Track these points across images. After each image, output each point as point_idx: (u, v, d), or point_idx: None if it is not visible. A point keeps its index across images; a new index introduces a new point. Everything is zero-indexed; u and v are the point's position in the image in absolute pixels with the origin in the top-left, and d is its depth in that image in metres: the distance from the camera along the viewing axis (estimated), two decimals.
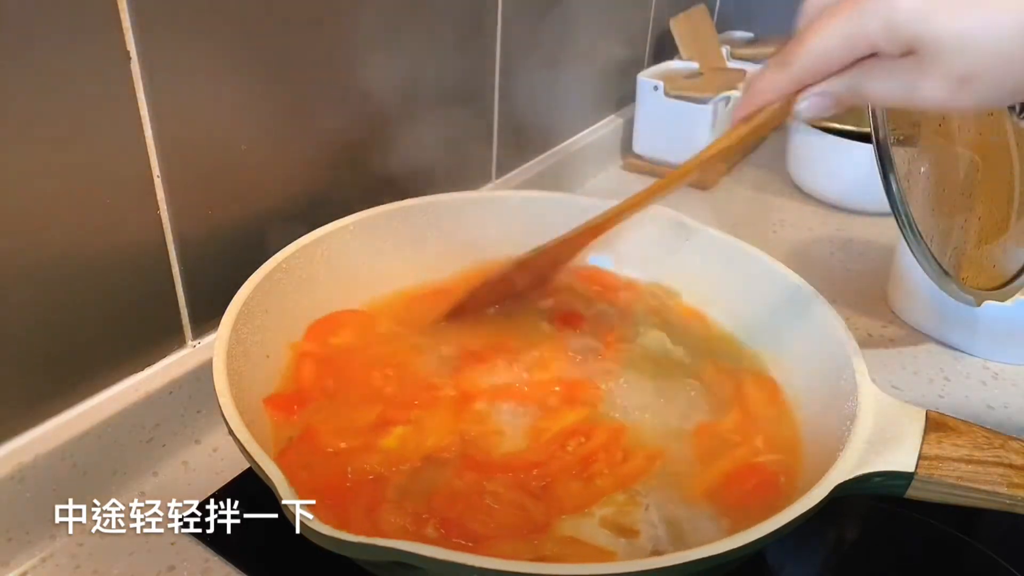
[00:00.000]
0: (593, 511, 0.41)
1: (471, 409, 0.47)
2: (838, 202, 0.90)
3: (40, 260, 0.43)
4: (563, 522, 0.40)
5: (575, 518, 0.41)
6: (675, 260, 0.59)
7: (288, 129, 0.55)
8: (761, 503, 0.41)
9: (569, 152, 0.89)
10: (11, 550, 0.43)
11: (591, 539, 0.39)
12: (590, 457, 0.44)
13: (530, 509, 0.41)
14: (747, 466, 0.45)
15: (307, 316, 0.52)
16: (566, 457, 0.44)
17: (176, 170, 0.47)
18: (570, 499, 0.41)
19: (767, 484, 0.44)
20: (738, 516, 0.41)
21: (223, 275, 0.49)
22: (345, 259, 0.54)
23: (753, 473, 0.44)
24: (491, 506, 0.41)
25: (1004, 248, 0.60)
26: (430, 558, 0.31)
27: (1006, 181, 0.59)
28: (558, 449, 0.44)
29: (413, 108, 0.65)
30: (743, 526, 0.34)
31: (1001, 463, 0.38)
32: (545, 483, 0.42)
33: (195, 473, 0.50)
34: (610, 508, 0.41)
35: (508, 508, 0.41)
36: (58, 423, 0.45)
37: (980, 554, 0.47)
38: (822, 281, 0.53)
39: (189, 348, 0.52)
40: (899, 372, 0.63)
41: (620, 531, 0.40)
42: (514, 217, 0.62)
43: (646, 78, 0.93)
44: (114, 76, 0.43)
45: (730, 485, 0.43)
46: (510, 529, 0.40)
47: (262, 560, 0.44)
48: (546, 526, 0.40)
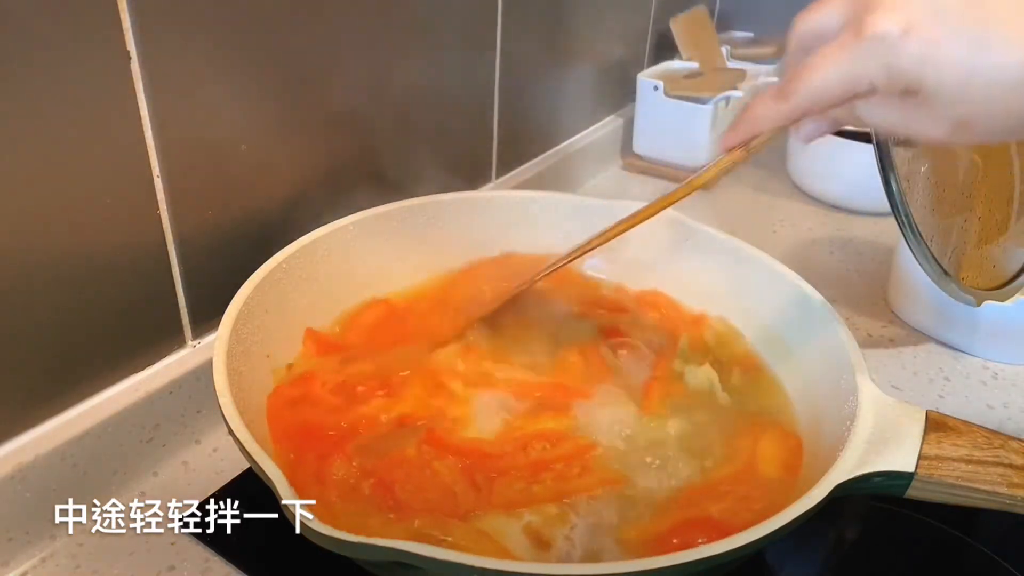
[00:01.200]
0: (522, 514, 0.41)
1: (458, 391, 0.48)
2: (838, 202, 0.90)
3: (40, 260, 0.43)
4: (487, 516, 0.40)
5: (501, 516, 0.41)
6: (674, 260, 0.59)
7: (288, 129, 0.55)
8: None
9: (569, 152, 0.89)
10: (11, 550, 0.43)
11: (502, 539, 0.39)
12: (546, 464, 0.44)
13: (459, 495, 0.41)
14: (703, 519, 0.41)
15: (307, 316, 0.52)
16: (523, 458, 0.44)
17: (176, 170, 0.47)
18: (506, 497, 0.42)
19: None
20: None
21: (223, 275, 0.49)
22: (345, 259, 0.54)
23: (705, 529, 0.40)
24: (426, 482, 0.42)
25: (1004, 248, 0.60)
26: (430, 558, 0.31)
27: (1006, 181, 0.59)
28: (519, 448, 0.44)
29: (413, 108, 0.65)
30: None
31: (1001, 463, 0.38)
32: (491, 476, 0.43)
33: (195, 473, 0.50)
34: (538, 517, 0.41)
35: (439, 489, 0.42)
36: (58, 423, 0.45)
37: (980, 554, 0.47)
38: (822, 281, 0.53)
39: (189, 348, 0.52)
40: (899, 372, 0.63)
41: (537, 541, 0.40)
42: (514, 217, 0.62)
43: (646, 78, 0.93)
44: (114, 76, 0.43)
45: (673, 536, 0.40)
46: (431, 507, 0.41)
47: (262, 560, 0.44)
48: (467, 515, 0.40)
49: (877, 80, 0.34)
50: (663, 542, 0.40)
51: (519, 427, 0.46)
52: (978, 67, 0.32)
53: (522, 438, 0.45)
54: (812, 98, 0.36)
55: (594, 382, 0.50)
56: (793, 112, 0.38)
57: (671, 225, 0.60)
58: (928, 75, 0.33)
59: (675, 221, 0.60)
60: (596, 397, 0.49)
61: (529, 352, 0.52)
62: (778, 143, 0.97)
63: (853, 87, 0.35)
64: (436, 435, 0.45)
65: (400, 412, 0.46)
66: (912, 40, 0.32)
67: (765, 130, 0.40)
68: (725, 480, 0.44)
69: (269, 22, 0.51)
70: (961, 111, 0.33)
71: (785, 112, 0.38)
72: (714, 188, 0.94)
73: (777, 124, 0.39)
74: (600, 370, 0.51)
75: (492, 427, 0.46)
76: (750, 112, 0.40)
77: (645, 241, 0.60)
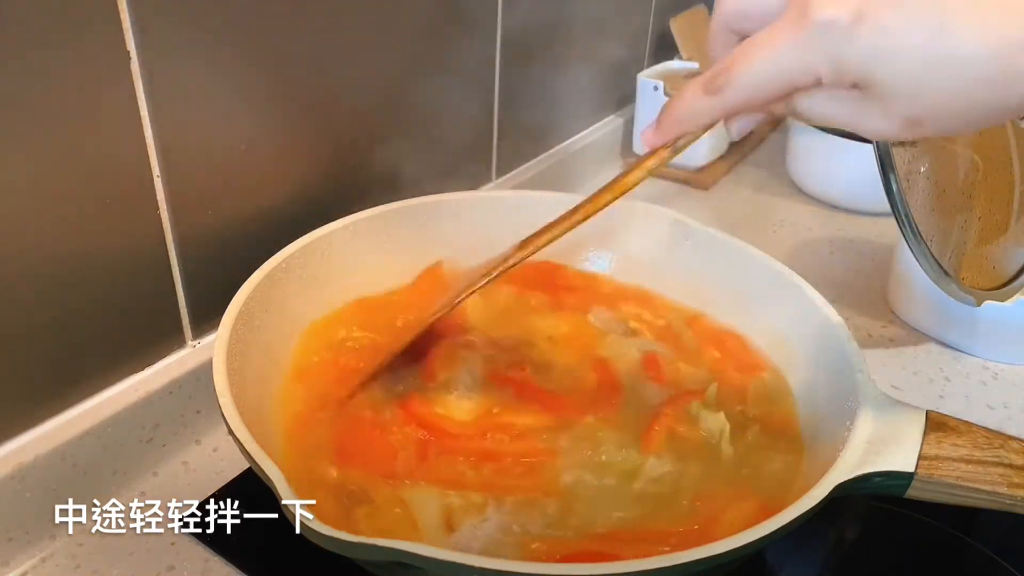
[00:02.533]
0: (449, 494, 0.41)
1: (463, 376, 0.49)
2: (838, 202, 0.90)
3: (40, 260, 0.43)
4: (417, 487, 0.41)
5: (431, 490, 0.41)
6: (674, 260, 0.59)
7: (288, 129, 0.55)
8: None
9: (569, 152, 0.89)
10: (11, 550, 0.43)
11: (417, 510, 0.40)
12: (495, 455, 0.44)
13: (398, 460, 0.43)
14: (611, 556, 0.38)
15: (307, 316, 0.52)
16: (477, 443, 0.44)
17: (176, 170, 0.47)
18: (440, 474, 0.42)
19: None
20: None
21: (223, 275, 0.49)
22: (345, 259, 0.54)
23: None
24: (376, 440, 0.44)
25: (1004, 248, 0.60)
26: (430, 558, 0.31)
27: (1006, 181, 0.59)
28: (479, 434, 0.45)
29: (413, 108, 0.65)
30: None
31: (1001, 463, 0.38)
32: (441, 453, 0.44)
33: (195, 473, 0.50)
34: (460, 501, 0.41)
35: (384, 450, 0.43)
36: (58, 423, 0.45)
37: (980, 554, 0.47)
38: (822, 281, 0.53)
39: (189, 348, 0.52)
40: (899, 372, 0.63)
41: (446, 522, 0.40)
42: (514, 217, 0.61)
43: (646, 78, 0.93)
44: (114, 76, 0.43)
45: (570, 560, 0.38)
46: (370, 464, 0.42)
47: (262, 560, 0.44)
48: (397, 481, 0.41)
49: (823, 73, 0.30)
50: (558, 562, 0.38)
51: (496, 415, 0.46)
52: (938, 59, 0.28)
53: (489, 426, 0.45)
54: (747, 93, 0.32)
55: (600, 405, 0.48)
56: (725, 109, 0.33)
57: (669, 225, 0.60)
58: (881, 68, 0.29)
59: (674, 221, 0.60)
60: (599, 415, 0.47)
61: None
62: (778, 143, 0.97)
63: (794, 81, 0.31)
64: (411, 404, 0.46)
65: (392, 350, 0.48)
66: (864, 29, 0.28)
67: (694, 128, 0.35)
68: (673, 535, 0.40)
69: (269, 22, 0.51)
70: (915, 110, 0.29)
71: (716, 109, 0.33)
72: (714, 188, 0.94)
73: (707, 121, 0.34)
74: (611, 392, 0.49)
75: (471, 410, 0.46)
76: (676, 108, 0.35)
77: (641, 238, 0.60)
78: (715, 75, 0.32)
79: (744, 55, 0.31)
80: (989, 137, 0.59)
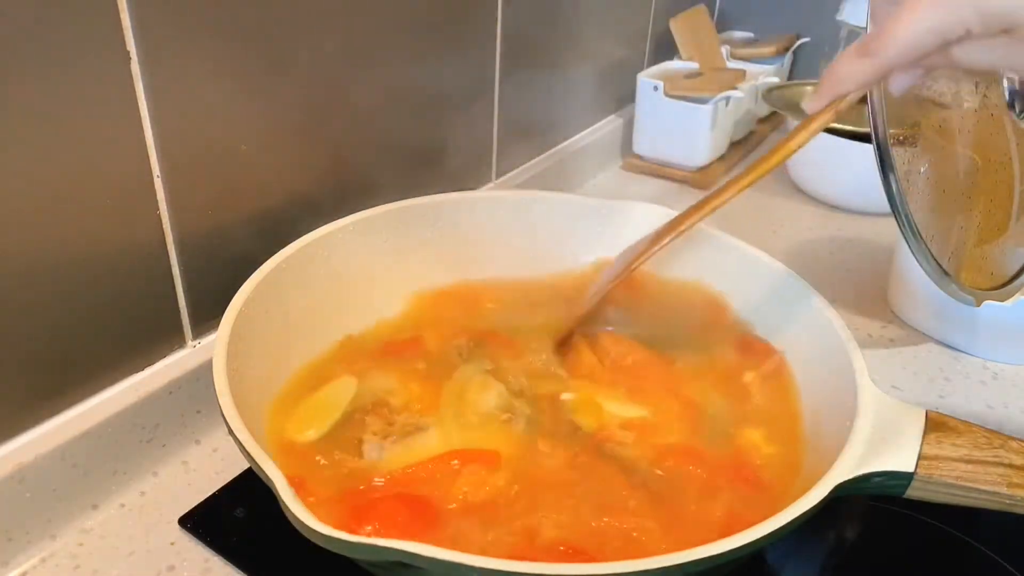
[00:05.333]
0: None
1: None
2: (838, 202, 0.90)
3: (40, 260, 0.43)
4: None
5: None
6: (670, 259, 0.59)
7: (288, 129, 0.55)
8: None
9: (569, 152, 0.89)
10: (11, 550, 0.43)
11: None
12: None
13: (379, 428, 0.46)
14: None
15: (307, 316, 0.52)
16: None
17: (176, 170, 0.47)
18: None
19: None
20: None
21: (223, 275, 0.49)
22: (345, 259, 0.54)
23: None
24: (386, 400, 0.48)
25: (1004, 248, 0.60)
26: (431, 558, 0.31)
27: (1006, 181, 0.59)
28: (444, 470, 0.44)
29: (413, 108, 0.65)
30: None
31: (1001, 463, 0.38)
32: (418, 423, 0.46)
33: (195, 473, 0.50)
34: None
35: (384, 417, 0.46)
36: (58, 423, 0.45)
37: (980, 554, 0.47)
38: (822, 281, 0.53)
39: (189, 348, 0.52)
40: (899, 372, 0.63)
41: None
42: (514, 217, 0.61)
43: (646, 78, 0.93)
44: (114, 76, 0.43)
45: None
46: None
47: (262, 560, 0.44)
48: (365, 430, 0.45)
49: (971, 25, 0.33)
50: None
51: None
52: None
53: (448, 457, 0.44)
54: (902, 52, 0.35)
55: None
56: (882, 69, 0.37)
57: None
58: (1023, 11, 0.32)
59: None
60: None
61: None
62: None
63: (946, 36, 0.34)
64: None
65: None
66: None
67: (852, 90, 0.39)
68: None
69: (269, 22, 0.51)
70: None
71: (873, 69, 0.37)
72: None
73: (865, 82, 0.38)
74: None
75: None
76: (834, 73, 0.39)
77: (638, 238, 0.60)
78: (869, 39, 0.36)
79: (897, 19, 0.35)
80: (989, 137, 0.59)
